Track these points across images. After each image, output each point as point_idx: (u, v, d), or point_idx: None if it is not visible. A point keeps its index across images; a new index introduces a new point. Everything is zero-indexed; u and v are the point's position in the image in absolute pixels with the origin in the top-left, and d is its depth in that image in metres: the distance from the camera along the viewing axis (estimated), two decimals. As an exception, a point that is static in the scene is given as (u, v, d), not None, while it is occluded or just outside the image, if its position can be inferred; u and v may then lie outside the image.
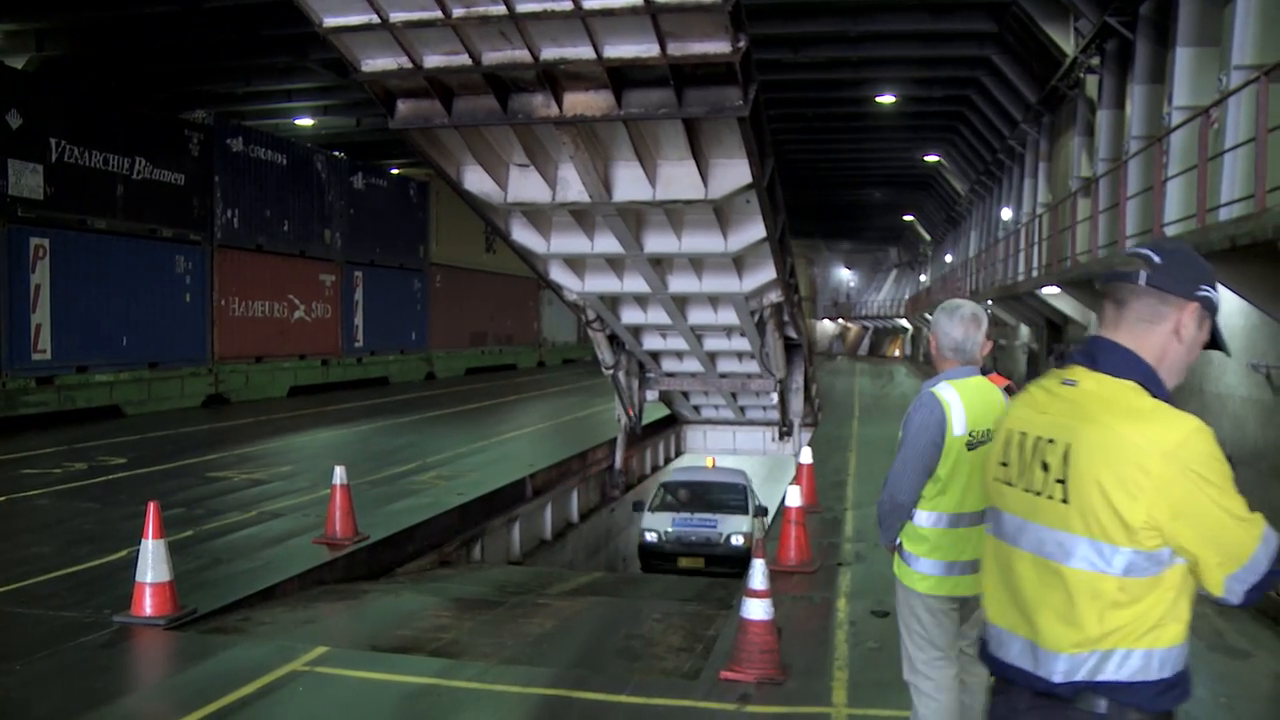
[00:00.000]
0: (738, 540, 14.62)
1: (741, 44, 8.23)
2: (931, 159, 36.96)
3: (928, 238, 56.93)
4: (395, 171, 33.54)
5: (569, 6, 7.76)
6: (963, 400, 4.04)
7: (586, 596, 9.11)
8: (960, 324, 4.14)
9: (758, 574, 5.98)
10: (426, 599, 8.46)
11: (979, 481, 4.03)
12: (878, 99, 26.98)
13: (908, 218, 56.90)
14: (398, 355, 32.67)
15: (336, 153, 30.37)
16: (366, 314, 30.65)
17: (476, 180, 10.91)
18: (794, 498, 9.10)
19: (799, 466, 11.89)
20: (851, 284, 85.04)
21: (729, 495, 16.00)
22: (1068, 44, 19.22)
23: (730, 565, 13.90)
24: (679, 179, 10.35)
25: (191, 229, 22.97)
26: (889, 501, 4.14)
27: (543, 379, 35.82)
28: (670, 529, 15.03)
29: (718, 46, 8.24)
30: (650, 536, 15.05)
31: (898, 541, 4.21)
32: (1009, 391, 4.46)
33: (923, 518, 4.10)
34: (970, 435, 4.02)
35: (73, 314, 19.27)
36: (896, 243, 73.82)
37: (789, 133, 32.61)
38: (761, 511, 15.89)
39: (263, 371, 25.59)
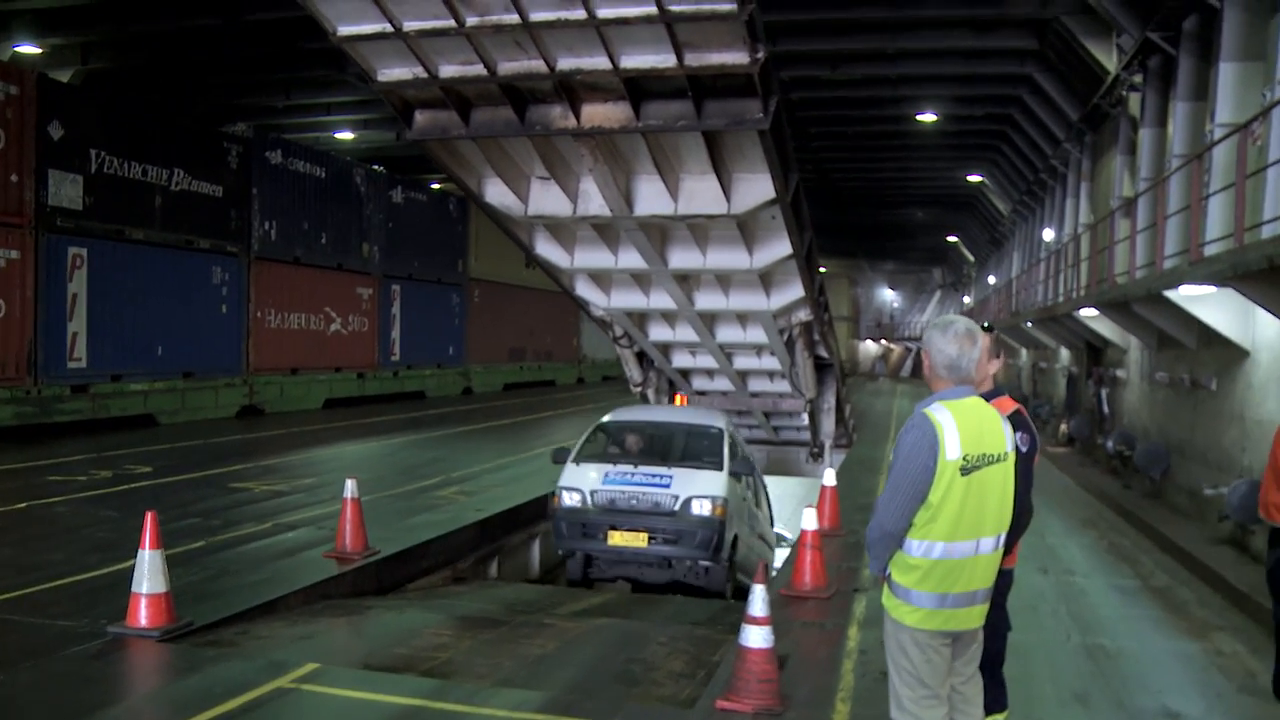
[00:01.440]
0: (702, 508, 10.68)
1: (760, 55, 8.05)
2: (974, 179, 36.48)
3: (971, 259, 56.27)
4: (435, 186, 33.67)
5: (583, 15, 7.64)
6: (957, 422, 3.80)
7: (596, 618, 8.90)
8: (954, 340, 3.92)
9: (758, 600, 5.76)
10: (430, 616, 8.31)
11: (972, 508, 3.82)
12: (918, 117, 26.64)
13: (951, 238, 56.29)
14: (434, 369, 32.72)
15: (376, 166, 30.51)
16: (404, 328, 30.72)
17: (497, 193, 10.82)
18: (810, 521, 8.85)
19: (822, 489, 11.64)
20: (895, 305, 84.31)
21: (695, 443, 12.21)
22: (1110, 61, 18.83)
23: (688, 545, 10.65)
24: (701, 193, 10.19)
25: (229, 240, 23.15)
26: (877, 529, 3.91)
27: (581, 395, 35.75)
28: (600, 487, 11.03)
29: (735, 57, 8.07)
30: (570, 498, 11.05)
31: (886, 571, 3.97)
32: (1017, 416, 4.22)
33: (913, 546, 3.85)
34: (964, 460, 3.78)
35: (108, 323, 19.43)
36: (941, 263, 73.10)
37: (829, 151, 32.39)
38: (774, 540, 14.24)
39: (298, 383, 25.68)
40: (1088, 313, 17.22)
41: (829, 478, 11.86)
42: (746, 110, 8.71)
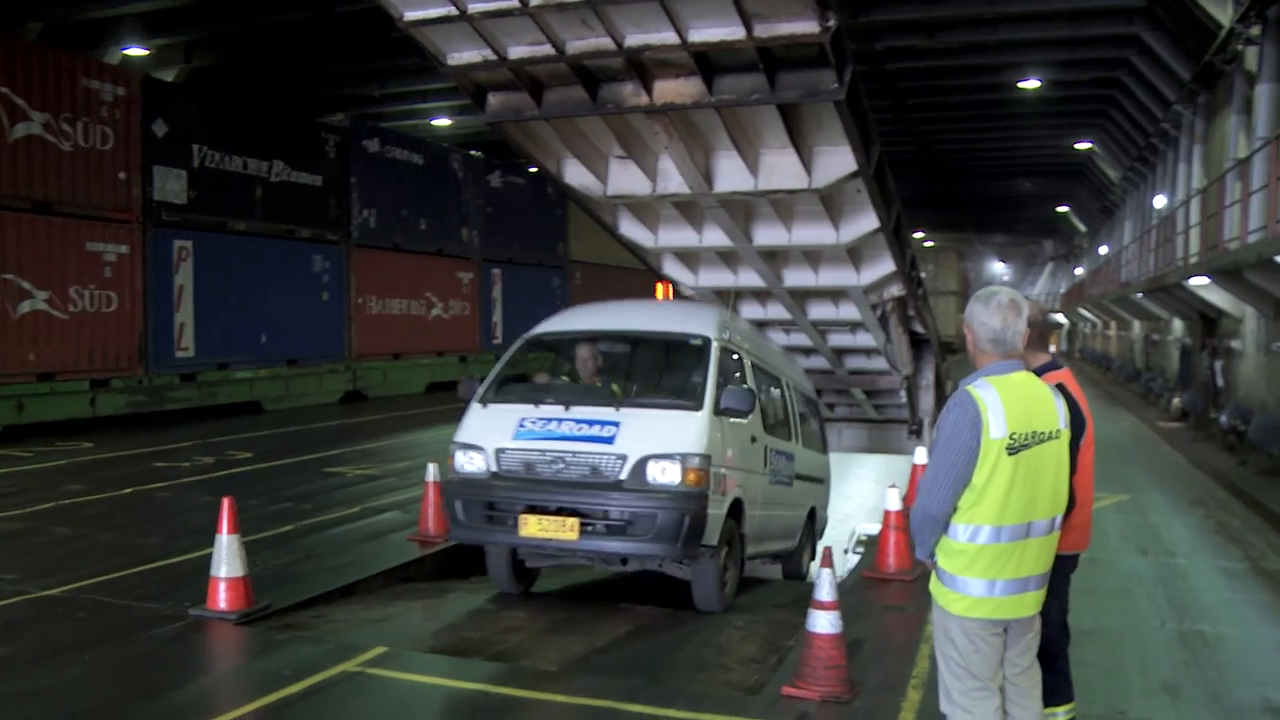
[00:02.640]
0: (663, 474, 7.10)
1: (831, 23, 7.81)
2: (1083, 146, 35.25)
3: (1083, 229, 54.57)
4: (533, 170, 33.82)
5: (645, -12, 7.50)
6: (1002, 399, 3.59)
7: (677, 604, 8.78)
8: (998, 312, 3.71)
9: (825, 584, 5.61)
10: (507, 599, 8.31)
11: (1021, 490, 3.61)
12: (1020, 84, 25.76)
13: (1062, 209, 54.59)
14: (537, 352, 32.90)
15: (473, 151, 30.77)
16: (505, 311, 30.98)
17: (576, 174, 10.75)
18: (893, 500, 8.63)
19: (913, 467, 11.36)
20: (1005, 278, 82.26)
21: (669, 363, 9.01)
22: (1224, 13, 17.91)
23: (641, 534, 7.06)
24: (781, 168, 9.96)
25: (329, 229, 23.61)
26: (920, 513, 3.72)
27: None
28: (510, 444, 7.48)
29: (805, 26, 7.84)
30: (466, 461, 7.63)
31: (933, 557, 3.79)
32: (1061, 388, 3.98)
33: (958, 530, 3.66)
34: (1011, 438, 3.58)
35: (214, 313, 19.99)
36: (1051, 235, 71.06)
37: (930, 122, 31.64)
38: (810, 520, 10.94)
39: (400, 368, 26.10)
40: (1198, 282, 16.49)
41: (920, 455, 11.56)
42: (820, 81, 8.47)
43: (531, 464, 7.44)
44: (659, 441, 7.28)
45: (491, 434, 7.66)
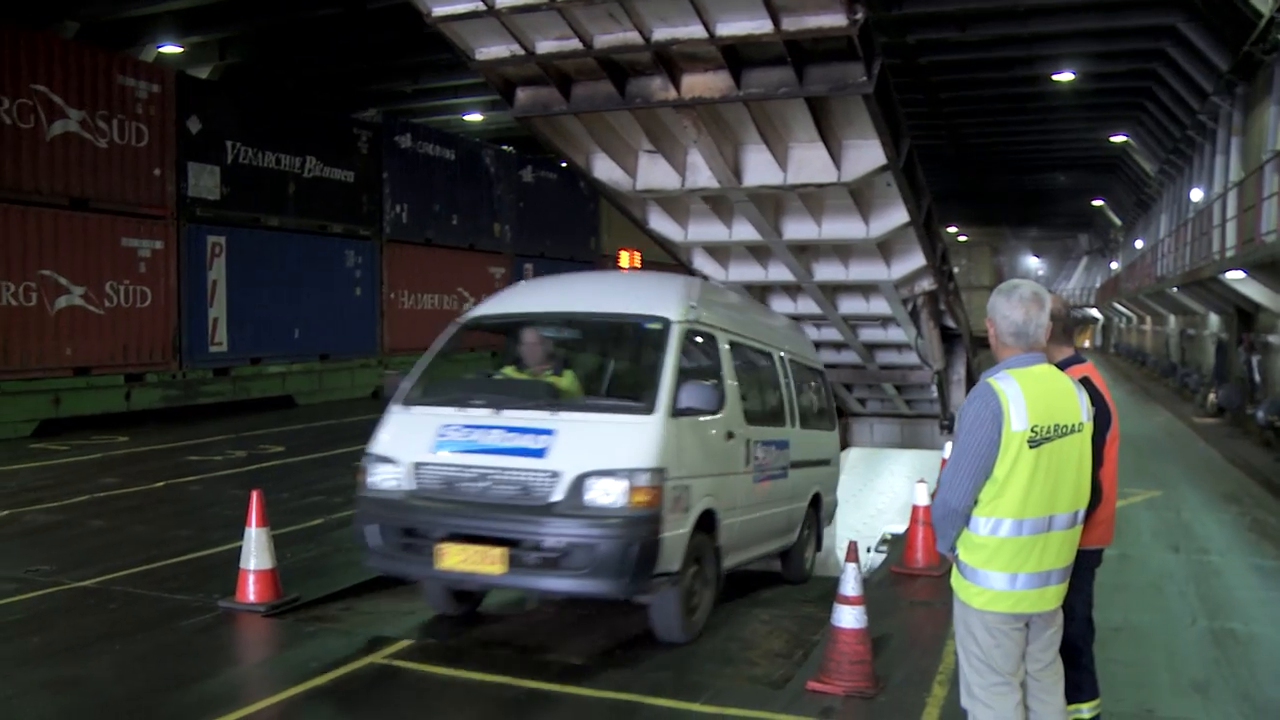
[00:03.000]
0: (605, 495, 6.00)
1: (859, 16, 7.77)
2: (1118, 139, 34.88)
3: (1118, 223, 54.00)
4: (565, 165, 33.82)
5: (671, -18, 7.49)
6: (1024, 391, 3.58)
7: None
8: (1020, 305, 3.69)
9: (849, 579, 5.60)
10: (535, 593, 8.32)
11: (1043, 483, 3.59)
12: (1054, 77, 25.52)
13: (1097, 202, 54.10)
14: (569, 346, 32.94)
15: (505, 147, 30.84)
16: (538, 306, 30.94)
17: (605, 168, 10.77)
18: (921, 496, 8.59)
19: (942, 462, 11.28)
20: (1040, 272, 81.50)
21: (615, 354, 8.47)
22: (1263, 2, 17.65)
23: (578, 567, 5.97)
24: (810, 162, 9.93)
25: (361, 224, 23.75)
26: (941, 506, 3.71)
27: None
28: (428, 457, 6.42)
29: (833, 19, 7.81)
30: (380, 477, 6.54)
31: (955, 550, 3.77)
32: (1085, 382, 3.94)
33: (979, 524, 3.64)
34: (1033, 431, 3.56)
35: (247, 308, 20.16)
36: (1086, 229, 70.39)
37: (963, 115, 31.45)
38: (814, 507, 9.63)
39: (432, 363, 26.14)
40: (1235, 276, 16.28)
41: (949, 450, 11.48)
42: (849, 74, 8.43)
43: (452, 481, 6.30)
44: (600, 455, 6.12)
45: (409, 444, 6.55)
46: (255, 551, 6.99)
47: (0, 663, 5.98)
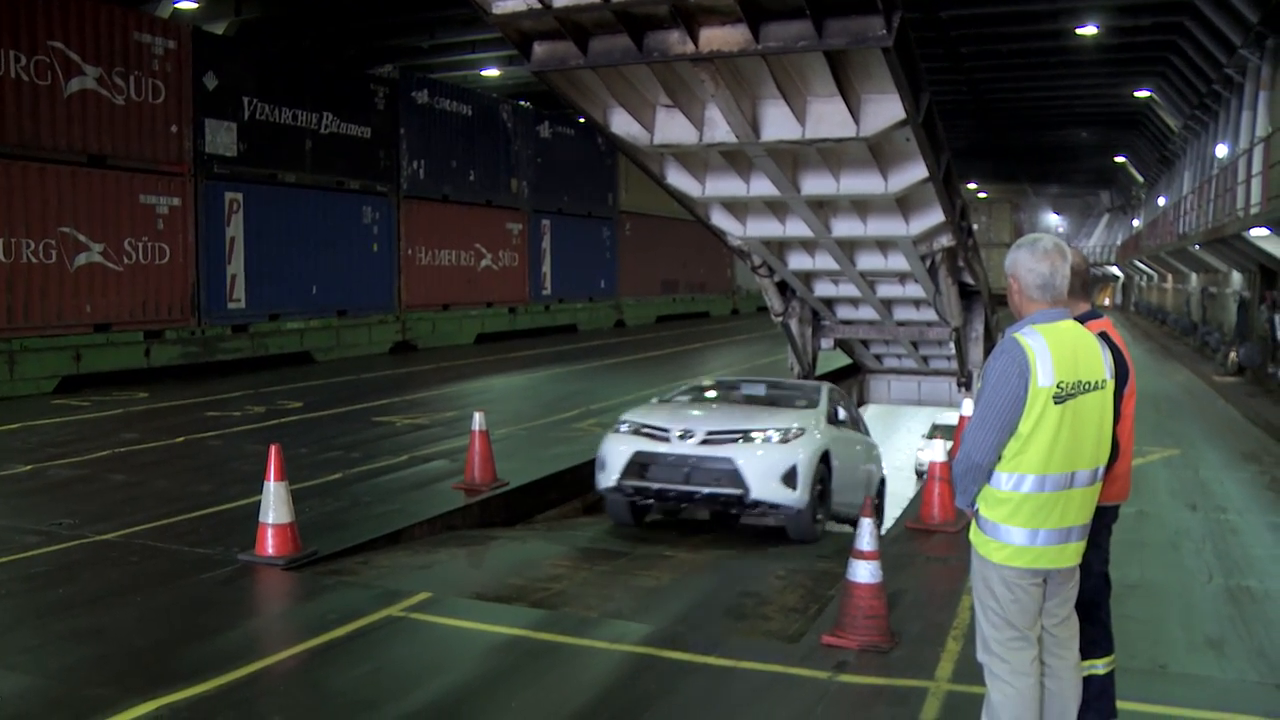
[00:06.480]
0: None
1: (878, -33, 7.67)
2: (1142, 94, 34.37)
3: (1140, 180, 53.39)
4: (583, 120, 33.61)
5: (686, -66, 7.38)
6: (1050, 347, 3.55)
7: (720, 549, 8.82)
8: (1045, 258, 3.66)
9: (865, 534, 5.61)
10: (551, 548, 8.40)
11: (1066, 439, 3.57)
12: (1078, 31, 25.12)
13: (1119, 159, 53.40)
14: (586, 303, 33.01)
15: (522, 102, 30.66)
16: (554, 262, 31.01)
17: (623, 123, 10.69)
18: (938, 452, 8.59)
19: (960, 419, 11.26)
20: (1060, 229, 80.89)
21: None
22: (1294, -46, 17.35)
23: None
24: (828, 116, 9.83)
25: (378, 180, 23.70)
26: (964, 461, 3.69)
27: (733, 327, 35.63)
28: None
29: (852, -29, 7.72)
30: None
31: (975, 506, 3.76)
32: (1104, 337, 3.91)
33: (1001, 479, 3.63)
34: (1058, 387, 3.54)
35: (265, 264, 20.19)
36: (1108, 186, 69.62)
37: (984, 71, 30.98)
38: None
39: (449, 319, 26.25)
40: (1259, 233, 16.10)
41: (967, 407, 11.46)
42: (868, 27, 8.33)
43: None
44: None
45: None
46: (274, 505, 7.05)
47: (25, 614, 6.08)
